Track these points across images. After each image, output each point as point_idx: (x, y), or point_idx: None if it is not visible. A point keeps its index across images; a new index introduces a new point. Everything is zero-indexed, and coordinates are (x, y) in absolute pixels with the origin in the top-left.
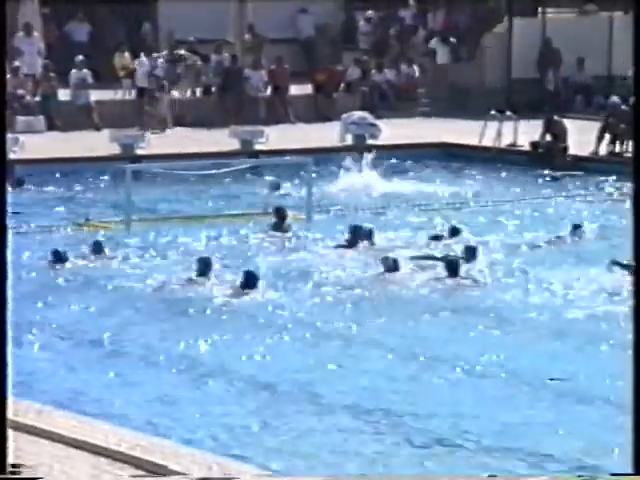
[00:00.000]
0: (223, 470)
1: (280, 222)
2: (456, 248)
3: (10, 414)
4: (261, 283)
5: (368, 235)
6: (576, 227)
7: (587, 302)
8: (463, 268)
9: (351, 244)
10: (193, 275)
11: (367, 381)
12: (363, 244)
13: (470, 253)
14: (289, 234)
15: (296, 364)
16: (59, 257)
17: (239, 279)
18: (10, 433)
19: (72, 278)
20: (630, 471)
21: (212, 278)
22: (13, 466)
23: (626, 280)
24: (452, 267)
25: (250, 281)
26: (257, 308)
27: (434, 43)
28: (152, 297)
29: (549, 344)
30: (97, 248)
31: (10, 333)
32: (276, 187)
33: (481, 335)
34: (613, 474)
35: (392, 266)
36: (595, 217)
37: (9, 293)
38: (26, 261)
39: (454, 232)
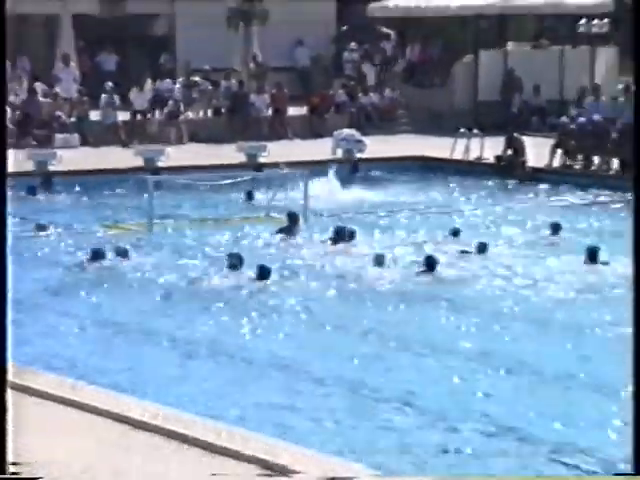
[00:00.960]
0: (229, 437)
1: (292, 225)
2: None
3: (48, 387)
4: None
5: (351, 235)
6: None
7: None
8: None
9: (336, 243)
10: (222, 268)
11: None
12: (347, 243)
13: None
14: (299, 235)
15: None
16: (97, 255)
17: (255, 272)
18: (49, 404)
19: (106, 274)
20: (630, 471)
21: (243, 272)
22: (13, 464)
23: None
24: (431, 263)
25: (264, 274)
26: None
27: (365, 68)
28: (184, 288)
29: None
30: (123, 250)
31: (9, 334)
32: (250, 196)
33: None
34: (616, 474)
35: (381, 261)
36: (550, 220)
37: (9, 292)
38: (63, 259)
39: (455, 233)
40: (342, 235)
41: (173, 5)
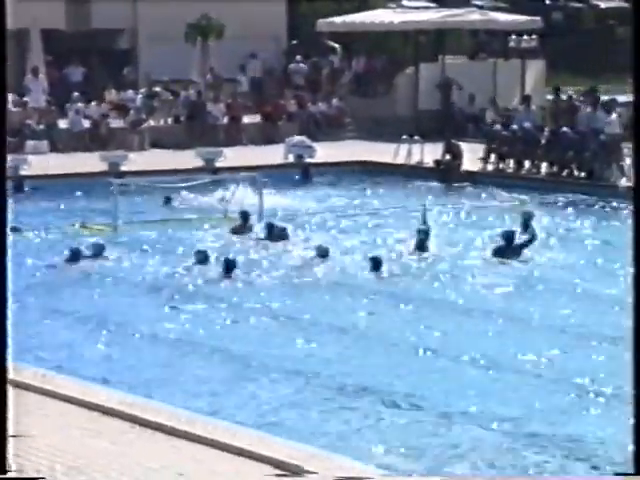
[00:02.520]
0: (189, 422)
1: (244, 223)
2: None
3: (23, 378)
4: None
5: (282, 231)
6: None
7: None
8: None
9: (270, 239)
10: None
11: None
12: (282, 239)
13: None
14: (251, 233)
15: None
16: (74, 255)
17: (221, 266)
18: (24, 393)
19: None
20: (631, 471)
21: (210, 266)
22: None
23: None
24: (377, 264)
25: (230, 267)
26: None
27: (239, 76)
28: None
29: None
30: (97, 249)
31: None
32: (168, 201)
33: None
34: (617, 474)
35: (324, 253)
36: (482, 219)
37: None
38: (37, 259)
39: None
40: (273, 232)
41: (136, 21)
